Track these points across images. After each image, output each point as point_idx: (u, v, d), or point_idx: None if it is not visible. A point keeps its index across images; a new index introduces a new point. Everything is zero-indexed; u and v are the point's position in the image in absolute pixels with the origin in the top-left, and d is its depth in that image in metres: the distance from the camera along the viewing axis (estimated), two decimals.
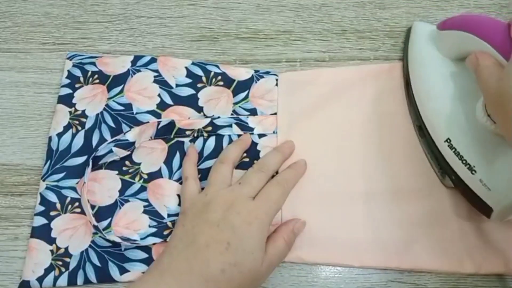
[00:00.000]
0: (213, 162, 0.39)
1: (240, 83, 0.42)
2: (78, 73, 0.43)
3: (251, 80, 0.42)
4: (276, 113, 0.41)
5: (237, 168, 0.39)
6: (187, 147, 0.40)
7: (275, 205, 0.35)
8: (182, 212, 0.36)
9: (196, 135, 0.41)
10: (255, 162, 0.38)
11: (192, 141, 0.40)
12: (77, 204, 0.38)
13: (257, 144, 0.40)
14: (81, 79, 0.42)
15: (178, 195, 0.39)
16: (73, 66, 0.43)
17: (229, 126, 0.40)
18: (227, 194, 0.34)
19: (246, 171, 0.37)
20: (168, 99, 0.42)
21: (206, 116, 0.41)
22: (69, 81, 0.42)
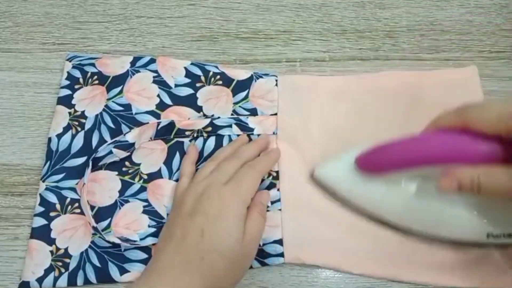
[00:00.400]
0: None
1: (240, 82, 0.42)
2: (78, 74, 0.43)
3: (251, 79, 0.42)
4: (276, 114, 0.41)
5: None
6: (187, 147, 0.40)
7: (247, 185, 0.34)
8: (170, 211, 0.37)
9: (196, 135, 0.41)
10: None
11: (192, 141, 0.40)
12: (76, 204, 0.38)
13: None
14: (81, 80, 0.42)
15: None
16: (73, 68, 0.43)
17: (229, 126, 0.40)
18: (199, 184, 0.35)
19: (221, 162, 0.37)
20: (167, 99, 0.42)
21: (205, 116, 0.41)
22: (68, 82, 0.42)
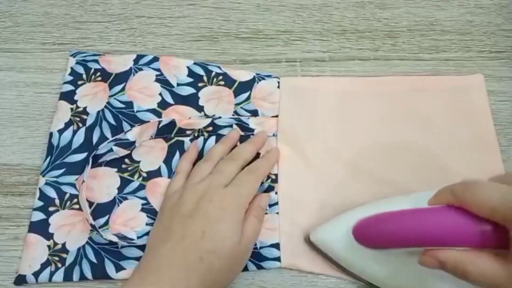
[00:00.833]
0: None
1: (242, 83, 0.42)
2: (81, 70, 0.43)
3: (253, 81, 0.42)
4: (277, 116, 0.41)
5: None
6: (188, 146, 0.40)
7: (247, 190, 0.35)
8: (160, 209, 0.37)
9: (196, 134, 0.41)
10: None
11: (192, 140, 0.40)
12: (75, 200, 0.38)
13: None
14: (84, 76, 0.43)
15: None
16: (76, 63, 0.43)
17: (230, 126, 0.40)
18: (200, 185, 0.35)
19: (219, 162, 0.37)
20: (169, 98, 0.42)
21: (207, 116, 0.41)
22: (71, 78, 0.43)
